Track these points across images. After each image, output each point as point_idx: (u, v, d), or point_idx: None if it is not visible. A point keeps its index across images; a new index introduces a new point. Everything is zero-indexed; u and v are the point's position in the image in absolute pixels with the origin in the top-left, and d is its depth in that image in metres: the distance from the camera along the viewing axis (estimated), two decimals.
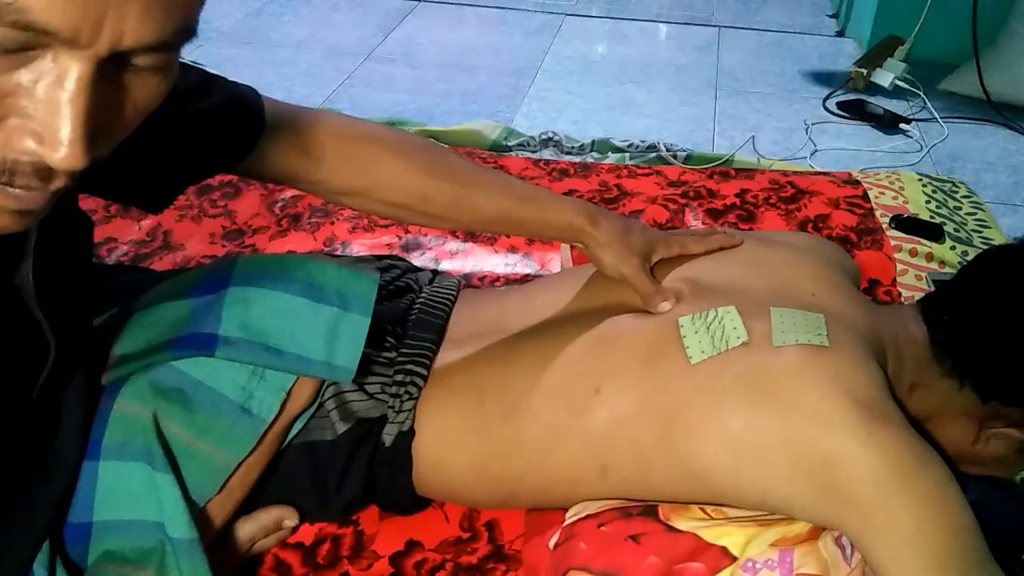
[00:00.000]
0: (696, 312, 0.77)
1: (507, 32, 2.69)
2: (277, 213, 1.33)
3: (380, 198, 0.82)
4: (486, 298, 0.95)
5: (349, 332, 0.76)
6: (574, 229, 0.86)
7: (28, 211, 0.40)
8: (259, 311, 0.74)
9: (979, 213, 1.37)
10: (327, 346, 0.75)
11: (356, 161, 0.80)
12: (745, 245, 0.89)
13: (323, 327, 0.75)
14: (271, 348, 0.73)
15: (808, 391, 0.69)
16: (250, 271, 0.78)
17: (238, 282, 0.76)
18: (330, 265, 0.79)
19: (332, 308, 0.76)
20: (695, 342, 0.75)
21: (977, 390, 0.76)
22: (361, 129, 0.82)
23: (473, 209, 0.83)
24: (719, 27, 2.75)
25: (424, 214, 0.84)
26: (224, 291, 0.75)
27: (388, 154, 0.80)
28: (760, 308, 0.77)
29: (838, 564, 0.68)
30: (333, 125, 0.80)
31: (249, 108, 0.75)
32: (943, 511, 0.65)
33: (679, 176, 1.44)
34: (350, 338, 0.75)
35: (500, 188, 0.85)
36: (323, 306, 0.76)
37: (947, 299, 0.81)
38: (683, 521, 0.74)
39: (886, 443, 0.66)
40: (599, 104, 2.25)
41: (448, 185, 0.82)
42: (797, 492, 0.69)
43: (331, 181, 0.80)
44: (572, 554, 0.74)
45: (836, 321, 0.76)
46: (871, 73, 2.29)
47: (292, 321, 0.75)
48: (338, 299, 0.77)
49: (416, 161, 0.81)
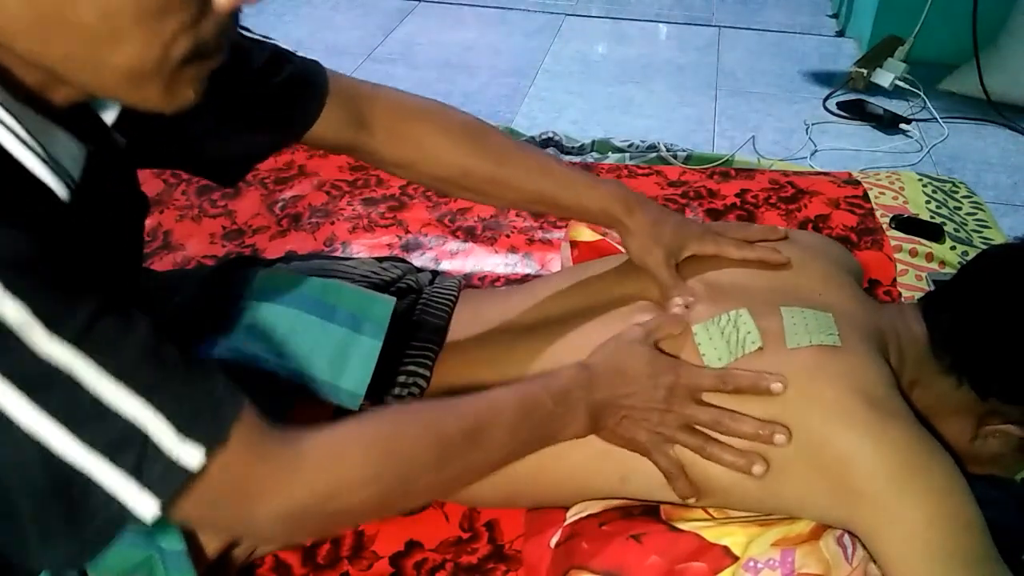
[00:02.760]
0: (708, 316, 0.78)
1: (507, 32, 2.69)
2: (277, 213, 1.33)
3: (425, 171, 0.85)
4: (487, 298, 0.95)
5: (359, 355, 0.74)
6: (608, 216, 0.87)
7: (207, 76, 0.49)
8: (265, 324, 0.74)
9: (979, 213, 1.37)
10: (332, 367, 0.73)
11: (406, 137, 0.83)
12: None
13: (331, 347, 0.74)
14: (279, 353, 0.73)
15: (825, 390, 0.70)
16: (265, 286, 0.78)
17: (251, 296, 0.76)
18: (345, 286, 0.79)
19: (342, 329, 0.75)
20: (711, 349, 0.75)
21: (975, 388, 0.76)
22: (414, 106, 0.85)
23: (511, 189, 0.86)
24: (719, 27, 2.75)
25: (465, 188, 0.86)
26: (239, 305, 0.76)
27: (435, 132, 0.84)
28: (769, 307, 0.77)
29: (839, 564, 0.68)
30: (388, 100, 0.83)
31: (315, 82, 0.78)
32: (953, 505, 0.66)
33: (679, 176, 1.44)
34: (360, 361, 0.74)
35: (539, 170, 0.86)
36: (333, 325, 0.75)
37: (947, 297, 0.81)
38: (685, 521, 0.74)
39: (898, 439, 0.68)
40: (599, 104, 2.25)
41: (488, 164, 0.85)
42: (811, 490, 0.70)
43: (382, 153, 0.83)
44: (574, 553, 0.74)
45: (843, 320, 0.76)
46: (871, 73, 2.29)
47: (298, 337, 0.74)
48: (350, 320, 0.76)
49: (459, 139, 0.84)
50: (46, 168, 0.49)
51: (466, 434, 0.64)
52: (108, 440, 0.47)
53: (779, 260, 0.85)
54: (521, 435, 0.68)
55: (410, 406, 0.69)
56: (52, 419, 0.45)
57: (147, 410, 0.47)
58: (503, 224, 1.32)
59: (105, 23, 0.42)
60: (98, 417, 0.46)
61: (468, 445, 0.64)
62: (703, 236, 0.87)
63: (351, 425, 0.60)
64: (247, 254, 1.24)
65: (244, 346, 0.73)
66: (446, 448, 0.63)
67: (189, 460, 0.48)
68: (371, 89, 0.83)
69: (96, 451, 0.46)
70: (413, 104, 0.85)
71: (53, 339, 0.45)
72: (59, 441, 0.45)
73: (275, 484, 0.53)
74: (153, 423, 0.48)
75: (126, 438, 0.47)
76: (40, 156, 0.48)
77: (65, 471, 0.46)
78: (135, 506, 0.47)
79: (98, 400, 0.46)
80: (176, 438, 0.48)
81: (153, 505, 0.47)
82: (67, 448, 0.46)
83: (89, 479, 0.46)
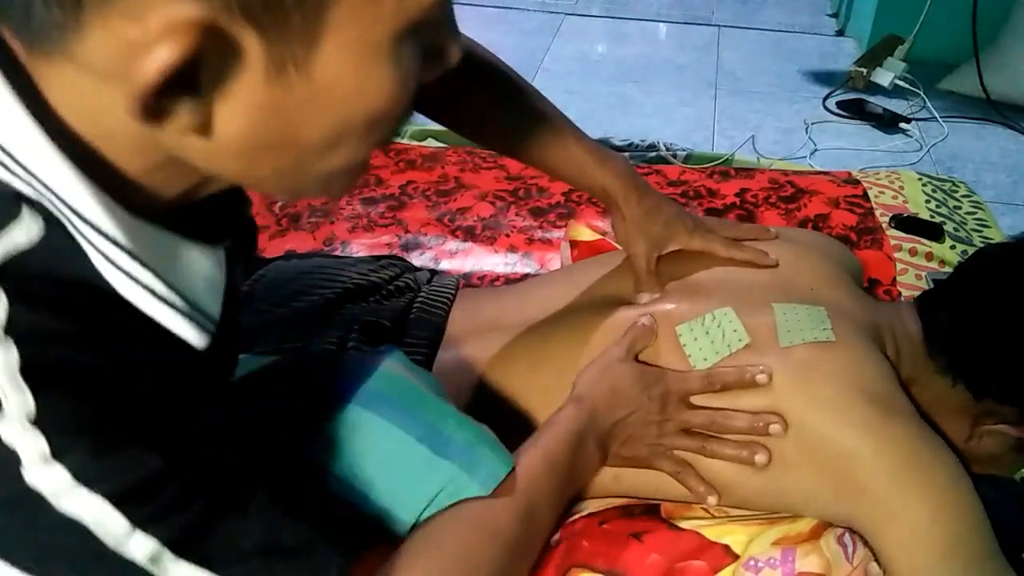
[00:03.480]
0: (693, 315, 0.77)
1: (507, 32, 2.69)
2: (277, 213, 1.33)
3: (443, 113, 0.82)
4: (485, 297, 0.95)
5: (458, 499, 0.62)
6: (605, 194, 0.86)
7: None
8: (362, 441, 0.63)
9: (979, 212, 1.37)
10: (423, 508, 0.62)
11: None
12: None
13: (432, 485, 0.62)
14: (355, 490, 0.62)
15: (823, 388, 0.70)
16: (380, 389, 0.66)
17: (360, 399, 0.65)
18: (468, 421, 0.67)
19: (453, 466, 0.62)
20: (696, 349, 0.75)
21: (971, 388, 0.76)
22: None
23: (521, 152, 0.85)
24: (719, 27, 2.75)
25: (480, 138, 0.87)
26: (342, 405, 0.65)
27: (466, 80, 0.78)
28: (760, 304, 0.77)
29: (840, 562, 0.68)
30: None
31: None
32: (956, 502, 0.66)
33: (679, 176, 1.44)
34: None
35: (552, 141, 0.84)
36: (445, 463, 0.63)
37: (943, 296, 0.81)
38: (685, 519, 0.74)
39: (901, 436, 0.68)
40: (599, 104, 2.25)
41: (507, 126, 0.83)
42: (814, 487, 0.70)
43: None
44: (574, 552, 0.74)
45: (838, 314, 0.76)
46: (871, 73, 2.29)
47: (397, 465, 0.63)
48: (465, 456, 0.63)
49: (488, 90, 0.82)
50: (185, 320, 0.42)
51: (522, 519, 0.63)
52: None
53: (767, 262, 0.84)
54: (562, 492, 0.69)
55: (457, 513, 0.61)
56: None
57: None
58: (503, 224, 1.32)
59: (332, 136, 0.39)
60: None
61: (526, 528, 0.63)
62: (693, 232, 0.87)
63: (422, 553, 0.56)
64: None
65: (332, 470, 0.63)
66: (512, 544, 0.61)
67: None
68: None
69: None
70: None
71: (181, 561, 0.40)
72: None
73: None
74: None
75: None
76: (179, 309, 0.42)
77: None
78: None
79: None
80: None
81: None
82: None
83: None
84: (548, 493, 0.67)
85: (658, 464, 0.74)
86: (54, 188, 0.37)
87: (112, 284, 0.39)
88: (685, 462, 0.74)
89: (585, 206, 1.34)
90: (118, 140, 0.38)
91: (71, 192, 0.37)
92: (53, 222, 0.38)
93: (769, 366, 0.72)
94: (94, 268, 0.39)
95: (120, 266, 0.39)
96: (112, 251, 0.39)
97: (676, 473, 0.74)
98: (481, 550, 0.58)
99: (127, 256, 0.39)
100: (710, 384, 0.73)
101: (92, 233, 0.38)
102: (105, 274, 0.39)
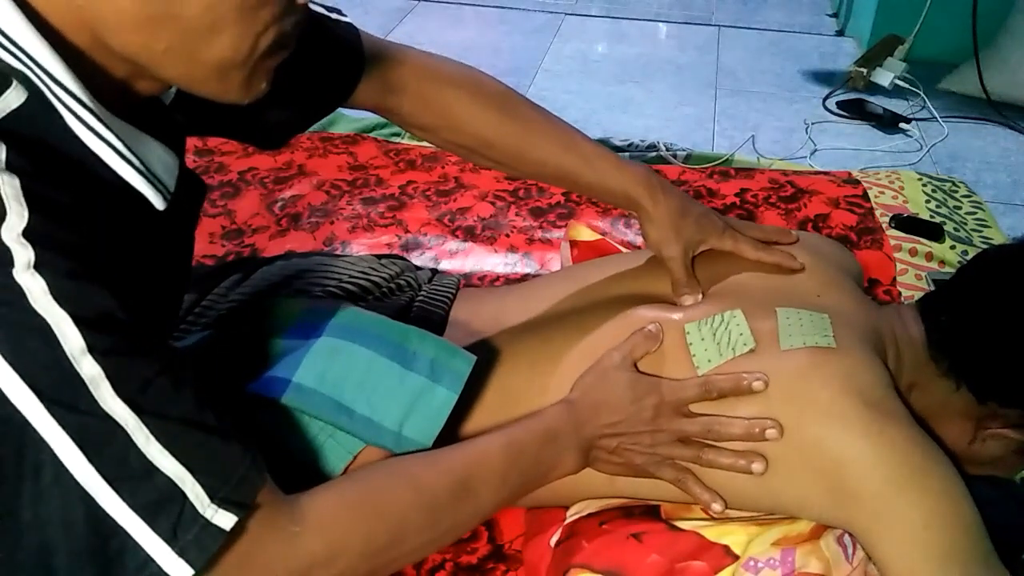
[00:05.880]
0: (702, 315, 0.77)
1: (507, 32, 2.69)
2: (277, 213, 1.33)
3: (448, 138, 0.86)
4: (485, 297, 0.95)
5: (431, 405, 0.71)
6: (629, 199, 0.86)
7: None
8: (342, 365, 0.71)
9: (979, 213, 1.37)
10: (402, 415, 0.70)
11: (432, 103, 0.83)
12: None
13: (406, 395, 0.71)
14: (342, 406, 0.70)
15: (819, 392, 0.70)
16: (348, 323, 0.75)
17: (332, 332, 0.74)
18: (430, 335, 0.75)
19: (420, 377, 0.72)
20: (701, 350, 0.75)
21: (974, 391, 0.76)
22: (446, 72, 0.85)
23: (534, 163, 0.86)
24: (719, 27, 2.75)
25: (487, 158, 0.87)
26: (315, 340, 0.73)
27: (463, 100, 0.84)
28: (765, 308, 0.77)
29: (840, 563, 0.68)
30: (419, 64, 0.83)
31: (352, 48, 0.78)
32: (951, 507, 0.66)
33: (679, 176, 1.44)
34: (430, 412, 0.71)
35: (565, 146, 0.85)
36: (411, 373, 0.72)
37: (945, 299, 0.81)
38: (685, 520, 0.74)
39: (896, 441, 0.68)
40: (599, 104, 2.25)
41: (512, 138, 0.85)
42: (809, 492, 0.70)
43: (407, 116, 0.84)
44: (574, 552, 0.74)
45: (841, 321, 0.76)
46: (871, 72, 2.29)
47: (373, 382, 0.71)
48: (429, 369, 0.72)
49: (486, 109, 0.84)
50: (145, 181, 0.51)
51: (453, 490, 0.65)
52: (149, 501, 0.47)
53: (795, 266, 0.84)
54: (510, 482, 0.70)
55: (396, 463, 0.67)
56: (103, 477, 0.46)
57: (187, 475, 0.48)
58: (503, 224, 1.32)
59: (208, 15, 0.45)
60: (144, 478, 0.47)
61: (456, 501, 0.66)
62: (724, 232, 0.86)
63: (343, 486, 0.61)
64: (246, 254, 1.24)
65: (319, 386, 0.71)
66: (434, 508, 0.64)
67: (221, 526, 0.49)
68: (400, 52, 0.83)
69: (137, 512, 0.47)
70: (446, 70, 0.85)
71: (117, 397, 0.46)
72: (106, 500, 0.46)
73: (282, 553, 0.54)
74: (191, 488, 0.48)
75: (165, 500, 0.48)
76: (139, 169, 0.51)
77: (106, 531, 0.46)
78: (169, 570, 0.48)
79: (145, 461, 0.47)
80: (209, 504, 0.49)
81: (186, 572, 0.48)
82: (113, 507, 0.46)
83: (127, 539, 0.47)
84: (495, 478, 0.68)
85: (658, 473, 0.74)
86: (37, 60, 0.45)
87: (84, 141, 0.48)
88: (686, 469, 0.74)
89: (585, 206, 1.34)
90: (62, 15, 0.46)
91: (50, 64, 0.45)
92: (34, 90, 0.46)
93: (766, 373, 0.72)
94: (69, 128, 0.47)
95: (91, 126, 0.48)
96: (85, 114, 0.47)
97: (678, 481, 0.74)
98: (407, 507, 0.63)
99: (96, 119, 0.48)
100: (707, 392, 0.73)
101: (69, 99, 0.47)
102: (78, 133, 0.47)
